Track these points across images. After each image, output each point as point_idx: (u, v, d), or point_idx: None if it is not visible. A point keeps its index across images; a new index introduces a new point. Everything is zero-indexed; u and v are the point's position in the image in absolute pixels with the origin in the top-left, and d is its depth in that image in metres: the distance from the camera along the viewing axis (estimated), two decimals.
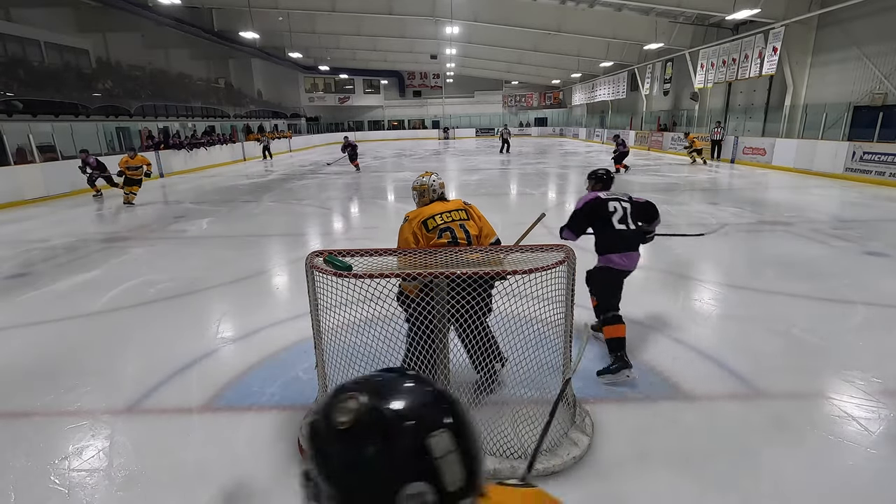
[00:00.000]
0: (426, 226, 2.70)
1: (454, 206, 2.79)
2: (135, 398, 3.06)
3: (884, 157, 10.87)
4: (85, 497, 2.27)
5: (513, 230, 7.45)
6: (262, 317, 4.24)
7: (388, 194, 11.54)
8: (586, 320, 3.58)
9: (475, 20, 19.66)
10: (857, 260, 5.56)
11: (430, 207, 2.79)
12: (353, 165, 16.41)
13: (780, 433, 2.58)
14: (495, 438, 2.44)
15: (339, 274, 2.25)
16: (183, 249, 6.79)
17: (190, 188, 13.61)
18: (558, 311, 2.42)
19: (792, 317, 3.99)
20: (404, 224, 2.79)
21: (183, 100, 22.02)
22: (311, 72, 36.68)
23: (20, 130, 12.44)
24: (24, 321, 4.39)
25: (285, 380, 3.22)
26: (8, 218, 9.58)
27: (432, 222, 2.70)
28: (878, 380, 3.03)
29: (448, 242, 2.64)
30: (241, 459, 2.48)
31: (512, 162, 19.08)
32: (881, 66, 12.61)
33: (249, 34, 18.88)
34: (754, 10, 13.35)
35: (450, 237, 2.67)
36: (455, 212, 2.76)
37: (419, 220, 2.73)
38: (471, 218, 2.79)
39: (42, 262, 6.30)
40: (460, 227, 2.71)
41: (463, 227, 2.72)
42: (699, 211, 8.58)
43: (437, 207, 2.78)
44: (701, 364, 3.32)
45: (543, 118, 41.59)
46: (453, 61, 30.91)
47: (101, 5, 17.03)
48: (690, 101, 21.26)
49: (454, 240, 2.66)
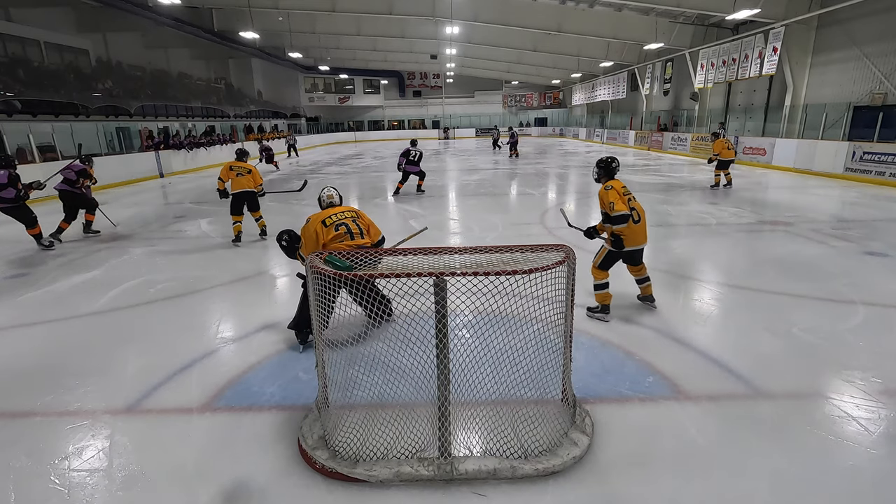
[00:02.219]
0: (324, 223, 3.58)
1: (345, 209, 3.76)
2: (135, 398, 3.06)
3: (884, 157, 10.87)
4: (85, 497, 2.27)
5: (513, 230, 7.51)
6: (262, 317, 4.24)
7: (388, 194, 11.53)
8: None
9: (475, 20, 19.67)
10: (857, 260, 5.56)
11: (325, 211, 3.72)
12: (273, 165, 17.70)
13: (780, 433, 2.58)
14: (495, 438, 2.44)
15: (339, 274, 2.26)
16: (183, 249, 6.79)
17: (190, 188, 13.61)
18: (558, 311, 2.42)
19: (792, 317, 3.99)
20: (307, 224, 3.62)
21: (183, 100, 22.02)
22: (311, 72, 36.70)
23: (20, 130, 12.44)
24: (24, 321, 4.39)
25: (285, 380, 3.22)
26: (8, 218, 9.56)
27: (329, 220, 3.60)
28: (878, 380, 3.03)
29: (344, 232, 3.55)
30: (241, 459, 2.48)
31: (511, 162, 19.09)
32: (881, 66, 12.61)
33: (249, 34, 18.89)
34: (754, 10, 13.36)
35: (345, 229, 3.57)
36: (345, 213, 3.71)
37: (319, 219, 3.61)
38: (359, 217, 3.74)
39: (42, 262, 6.30)
40: (352, 221, 3.65)
41: (354, 221, 3.66)
42: (699, 211, 8.58)
43: (330, 210, 3.72)
44: (701, 364, 3.32)
45: (543, 118, 41.61)
46: (453, 61, 30.92)
47: (101, 5, 17.02)
48: (690, 101, 21.27)
49: (348, 231, 3.57)
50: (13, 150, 12.21)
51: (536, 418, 2.47)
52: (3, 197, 6.52)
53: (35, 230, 6.84)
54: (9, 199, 6.54)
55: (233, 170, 6.74)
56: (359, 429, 2.44)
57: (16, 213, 6.69)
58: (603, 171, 3.98)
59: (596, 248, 4.16)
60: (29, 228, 6.79)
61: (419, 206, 9.66)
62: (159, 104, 19.93)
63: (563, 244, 2.52)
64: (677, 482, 2.27)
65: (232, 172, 6.73)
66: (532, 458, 2.35)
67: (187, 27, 20.74)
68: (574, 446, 2.44)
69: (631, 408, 2.84)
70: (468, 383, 2.46)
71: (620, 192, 3.76)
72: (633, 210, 3.79)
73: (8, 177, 6.50)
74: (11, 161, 6.78)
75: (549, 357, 2.47)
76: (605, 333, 3.76)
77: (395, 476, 2.28)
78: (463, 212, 9.18)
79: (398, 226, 7.83)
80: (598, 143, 29.78)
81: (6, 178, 6.49)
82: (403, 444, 2.42)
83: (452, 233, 7.53)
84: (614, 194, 3.74)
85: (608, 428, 2.63)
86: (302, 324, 3.63)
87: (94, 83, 17.20)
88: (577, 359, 3.19)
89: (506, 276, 2.14)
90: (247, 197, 6.79)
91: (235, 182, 6.71)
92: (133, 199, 11.69)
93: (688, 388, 3.00)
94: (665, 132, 22.11)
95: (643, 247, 3.97)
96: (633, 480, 2.28)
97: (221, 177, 6.73)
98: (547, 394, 2.56)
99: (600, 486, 2.26)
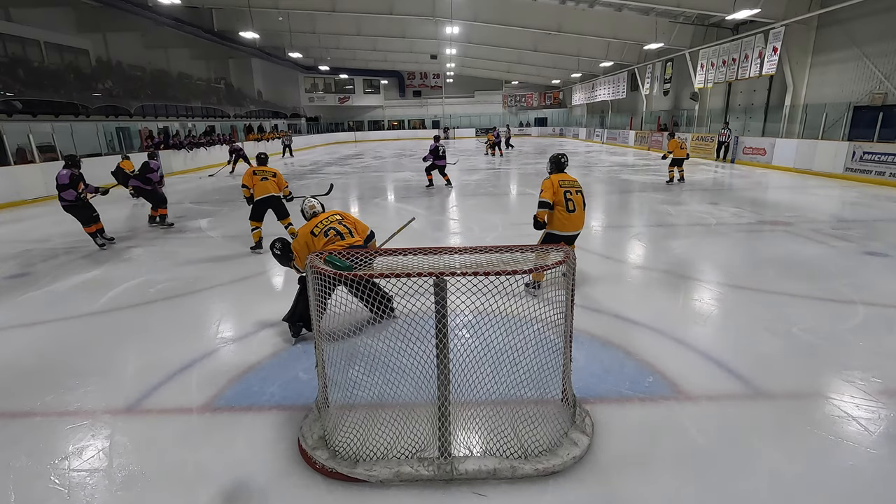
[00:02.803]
0: (313, 233, 3.64)
1: (329, 215, 3.81)
2: (135, 398, 3.06)
3: (884, 157, 10.87)
4: (85, 497, 2.27)
5: (513, 230, 7.50)
6: (262, 317, 4.24)
7: (388, 194, 11.54)
8: None
9: (475, 20, 19.66)
10: (857, 260, 5.56)
11: (311, 222, 3.78)
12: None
13: (780, 433, 2.58)
14: (495, 438, 2.44)
15: (339, 274, 2.26)
16: (183, 249, 6.79)
17: (190, 188, 13.62)
18: (558, 311, 2.42)
19: (792, 317, 3.99)
20: (297, 239, 3.71)
21: (183, 100, 22.02)
22: (311, 72, 36.70)
23: (20, 130, 12.43)
24: (25, 321, 4.39)
25: (285, 380, 3.22)
26: (8, 218, 9.59)
27: (317, 229, 3.65)
28: (878, 380, 3.03)
29: (334, 235, 3.59)
30: (241, 459, 2.48)
31: (511, 162, 19.09)
32: (881, 66, 12.61)
33: (249, 34, 18.88)
34: (754, 10, 13.35)
35: (334, 233, 3.61)
36: (329, 218, 3.76)
37: (307, 231, 3.67)
38: (344, 218, 3.80)
39: (42, 262, 6.30)
40: (338, 223, 3.70)
41: (340, 223, 3.72)
42: (699, 211, 8.58)
43: (314, 220, 3.78)
44: (701, 364, 3.32)
45: (543, 118, 41.61)
46: (453, 61, 30.91)
47: (101, 5, 17.02)
48: (690, 101, 21.26)
49: (338, 233, 3.61)
50: (13, 150, 12.21)
51: (536, 418, 2.47)
52: (64, 197, 6.55)
53: (92, 228, 6.79)
54: (69, 200, 6.57)
55: (256, 174, 6.31)
56: (359, 429, 2.44)
57: (75, 211, 6.70)
58: (553, 165, 4.60)
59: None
60: (86, 226, 6.77)
61: (419, 206, 9.66)
62: (159, 104, 19.93)
63: (563, 244, 2.52)
64: (677, 482, 2.27)
65: (256, 177, 6.29)
66: (532, 458, 2.35)
67: (187, 27, 20.74)
68: (574, 446, 2.44)
69: (631, 408, 2.84)
70: (468, 383, 2.46)
71: (556, 185, 4.35)
72: (568, 201, 4.33)
73: (70, 177, 6.50)
74: (76, 161, 6.71)
75: (549, 357, 2.47)
76: (606, 333, 3.76)
77: (395, 476, 2.28)
78: (463, 212, 9.18)
79: (398, 225, 7.81)
80: (598, 143, 29.78)
81: (67, 179, 6.49)
82: (403, 444, 2.42)
83: (452, 233, 7.53)
84: (547, 184, 4.38)
85: (608, 428, 2.63)
86: (295, 317, 3.72)
87: (94, 83, 17.19)
88: (577, 359, 3.20)
89: (506, 276, 2.14)
90: (273, 203, 6.36)
91: (260, 187, 6.26)
92: (133, 199, 11.68)
93: (688, 388, 3.00)
94: (665, 132, 22.10)
95: (575, 234, 4.53)
96: (633, 480, 2.28)
97: (245, 183, 6.28)
98: (547, 394, 2.56)
99: (600, 486, 2.26)
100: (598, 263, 5.61)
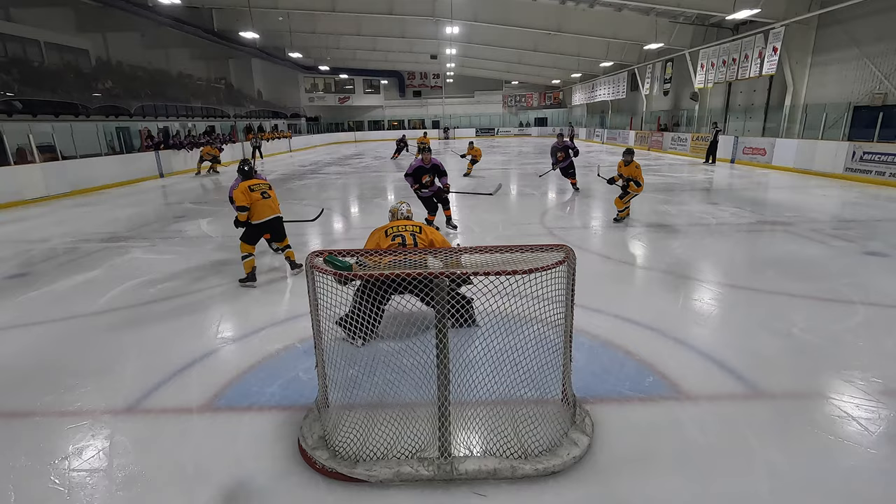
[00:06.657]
0: (386, 233, 3.71)
1: (411, 223, 3.83)
2: (135, 398, 3.06)
3: (884, 157, 10.87)
4: (85, 497, 2.27)
5: (513, 230, 7.50)
6: (261, 317, 4.24)
7: (388, 194, 11.54)
8: None
9: (475, 20, 19.67)
10: (857, 260, 5.56)
11: (393, 222, 3.86)
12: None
13: (780, 433, 2.58)
14: (495, 438, 2.44)
15: (339, 274, 2.26)
16: (183, 249, 6.78)
17: (190, 188, 13.61)
18: (558, 311, 2.42)
19: (792, 317, 3.99)
20: (375, 231, 3.80)
21: (183, 100, 22.02)
22: (311, 72, 36.69)
23: (20, 130, 12.43)
24: (24, 321, 4.39)
25: (285, 380, 3.22)
26: (8, 218, 9.58)
27: (391, 231, 3.72)
28: (878, 380, 3.03)
29: (399, 244, 3.59)
30: (241, 459, 2.48)
31: (511, 162, 19.09)
32: (881, 66, 12.61)
33: (249, 34, 18.87)
34: (754, 10, 13.35)
35: (400, 241, 3.63)
36: (410, 226, 3.77)
37: (381, 229, 3.77)
38: (423, 232, 3.75)
39: (42, 262, 6.30)
40: (410, 235, 3.68)
41: (413, 235, 3.68)
42: (699, 211, 8.58)
43: (397, 222, 3.84)
44: (701, 364, 3.32)
45: (543, 118, 41.59)
46: (453, 61, 30.92)
47: (101, 5, 17.03)
48: (690, 101, 21.27)
49: (403, 242, 3.62)
50: (13, 150, 12.21)
51: (536, 418, 2.47)
52: None
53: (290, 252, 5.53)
54: None
55: (253, 190, 5.02)
56: (359, 429, 2.44)
57: None
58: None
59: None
60: None
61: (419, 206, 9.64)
62: (159, 104, 19.93)
63: (563, 244, 2.52)
64: (677, 482, 2.27)
65: (254, 194, 5.01)
66: (532, 458, 2.35)
67: (187, 27, 20.74)
68: (574, 446, 2.44)
69: (631, 408, 2.84)
70: (468, 383, 2.46)
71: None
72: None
73: None
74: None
75: (549, 357, 2.47)
76: (606, 333, 3.76)
77: (395, 476, 2.28)
78: (463, 212, 9.17)
79: None
80: (598, 143, 29.79)
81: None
82: (403, 444, 2.42)
83: (452, 233, 7.53)
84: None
85: (608, 428, 2.63)
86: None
87: (94, 83, 17.20)
88: (577, 359, 3.19)
89: (506, 276, 2.14)
90: (275, 225, 5.26)
91: (260, 206, 5.04)
92: (133, 199, 11.69)
93: (688, 388, 3.00)
94: (665, 132, 22.11)
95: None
96: (633, 480, 2.28)
97: (244, 204, 4.96)
98: (547, 394, 2.56)
99: (600, 486, 2.26)
100: (598, 263, 5.60)
